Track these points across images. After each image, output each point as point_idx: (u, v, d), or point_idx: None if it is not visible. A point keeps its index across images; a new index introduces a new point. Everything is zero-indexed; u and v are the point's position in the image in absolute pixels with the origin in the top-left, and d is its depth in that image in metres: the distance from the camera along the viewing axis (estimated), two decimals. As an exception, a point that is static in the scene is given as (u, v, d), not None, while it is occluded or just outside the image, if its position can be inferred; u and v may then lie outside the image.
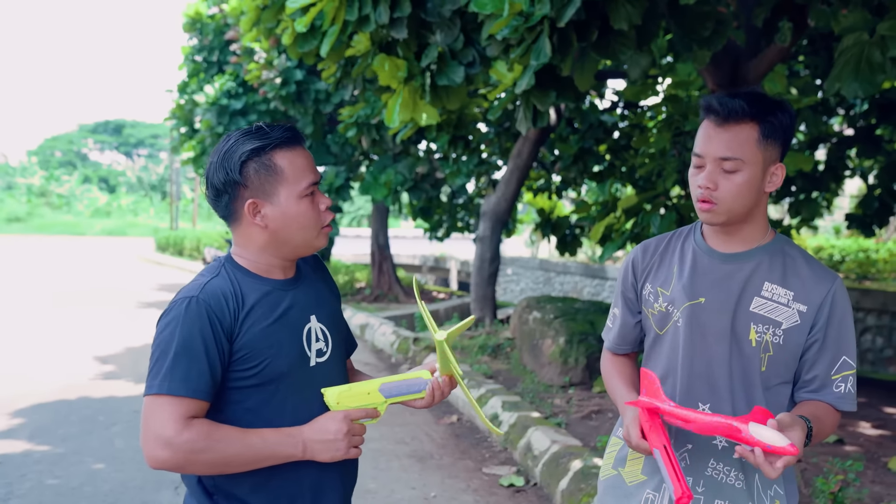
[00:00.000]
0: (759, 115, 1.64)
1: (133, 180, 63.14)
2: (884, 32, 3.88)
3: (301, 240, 1.66)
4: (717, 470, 1.73)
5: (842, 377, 1.69)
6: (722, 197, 1.66)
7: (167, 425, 1.49)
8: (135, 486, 4.52)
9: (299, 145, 1.65)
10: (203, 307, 1.57)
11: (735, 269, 1.74)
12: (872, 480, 4.46)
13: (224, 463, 1.54)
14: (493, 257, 9.54)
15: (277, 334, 1.63)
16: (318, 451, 1.58)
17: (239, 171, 1.60)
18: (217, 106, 13.08)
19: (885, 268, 14.65)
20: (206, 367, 1.54)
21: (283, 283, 1.70)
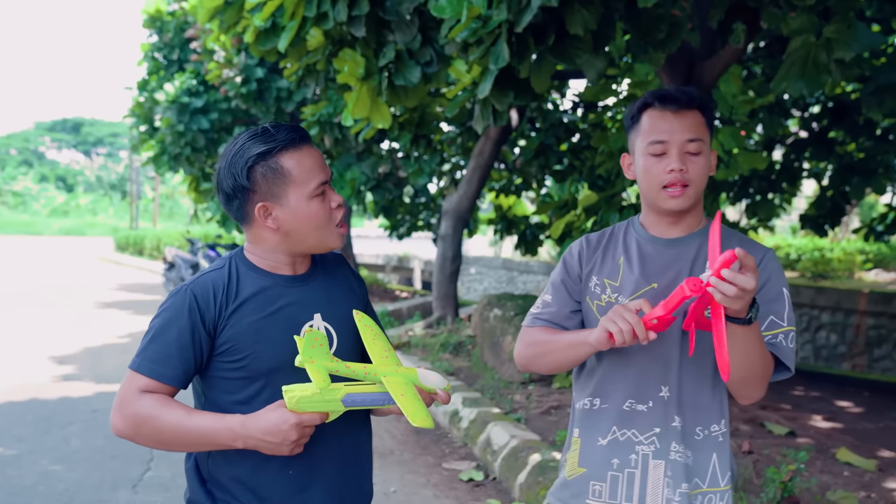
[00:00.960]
0: (703, 105, 1.78)
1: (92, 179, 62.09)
2: (829, 35, 4.00)
3: (314, 239, 1.66)
4: (677, 451, 1.77)
5: (772, 334, 1.74)
6: (692, 178, 1.75)
7: (125, 395, 1.58)
8: (90, 485, 4.47)
9: (306, 144, 1.64)
10: (188, 297, 1.62)
11: (679, 252, 1.80)
12: (821, 470, 4.59)
13: (166, 439, 1.57)
14: (454, 256, 9.58)
15: (268, 329, 1.63)
16: (260, 447, 1.54)
17: (246, 176, 1.61)
18: (177, 104, 12.93)
19: (839, 266, 14.98)
20: (175, 353, 1.59)
21: (288, 279, 1.70)
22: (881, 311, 9.32)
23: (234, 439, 1.54)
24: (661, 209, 1.79)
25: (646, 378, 1.78)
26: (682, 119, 1.74)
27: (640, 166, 1.80)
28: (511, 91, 4.44)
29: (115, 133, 67.64)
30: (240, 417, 1.55)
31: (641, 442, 1.77)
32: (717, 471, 1.78)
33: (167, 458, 5.01)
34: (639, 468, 1.77)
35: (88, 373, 7.52)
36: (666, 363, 1.77)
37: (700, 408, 1.78)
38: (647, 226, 1.86)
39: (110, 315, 11.83)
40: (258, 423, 1.53)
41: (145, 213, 46.15)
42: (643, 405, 1.78)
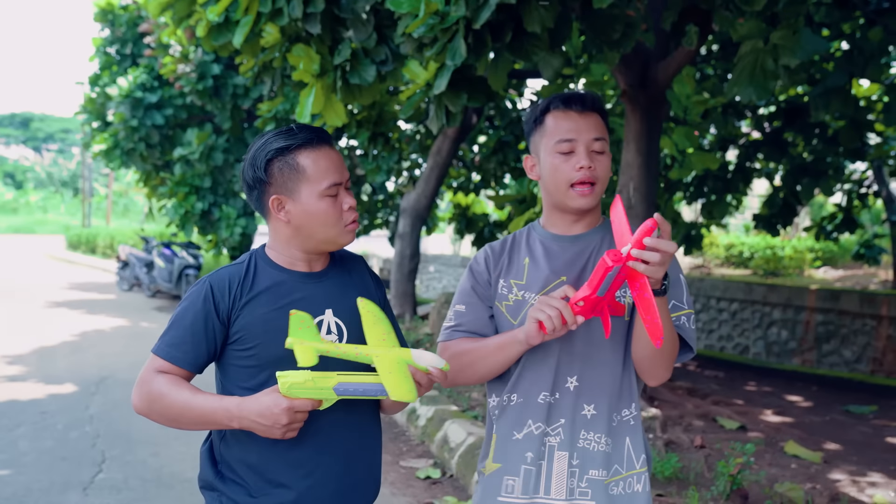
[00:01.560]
0: (601, 109, 1.87)
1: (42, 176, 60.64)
2: (776, 41, 4.09)
3: (323, 236, 1.75)
4: (587, 439, 1.81)
5: (675, 317, 1.82)
6: (599, 176, 1.82)
7: (144, 375, 1.71)
8: (39, 488, 4.38)
9: (326, 146, 1.73)
10: (206, 287, 1.74)
11: (583, 246, 1.87)
12: (770, 463, 4.70)
13: (174, 416, 1.68)
14: (412, 254, 9.58)
15: (277, 321, 1.72)
16: (254, 428, 1.63)
17: (264, 168, 1.72)
18: (131, 99, 12.70)
19: (790, 264, 15.32)
20: (189, 339, 1.71)
21: (303, 275, 1.80)
22: (829, 307, 9.55)
23: (230, 419, 1.63)
24: (569, 208, 1.85)
25: (556, 370, 1.82)
26: (586, 119, 1.83)
27: (547, 165, 1.85)
28: (465, 92, 4.46)
29: (66, 129, 66.13)
30: (237, 399, 1.64)
31: (549, 433, 1.82)
32: (631, 454, 1.84)
33: (119, 459, 4.93)
34: (545, 459, 1.82)
35: (37, 374, 7.35)
36: (570, 354, 1.81)
37: (612, 394, 1.83)
38: (549, 227, 1.93)
39: (61, 314, 11.58)
40: (252, 405, 1.61)
41: (98, 210, 45.21)
42: (552, 397, 1.82)
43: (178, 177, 13.35)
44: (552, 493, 1.80)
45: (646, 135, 5.78)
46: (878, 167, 10.81)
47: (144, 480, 4.57)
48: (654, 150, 5.89)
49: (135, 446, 5.19)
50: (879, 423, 6.24)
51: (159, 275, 13.83)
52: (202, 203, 13.47)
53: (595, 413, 1.81)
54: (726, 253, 16.68)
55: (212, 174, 13.41)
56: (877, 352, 9.06)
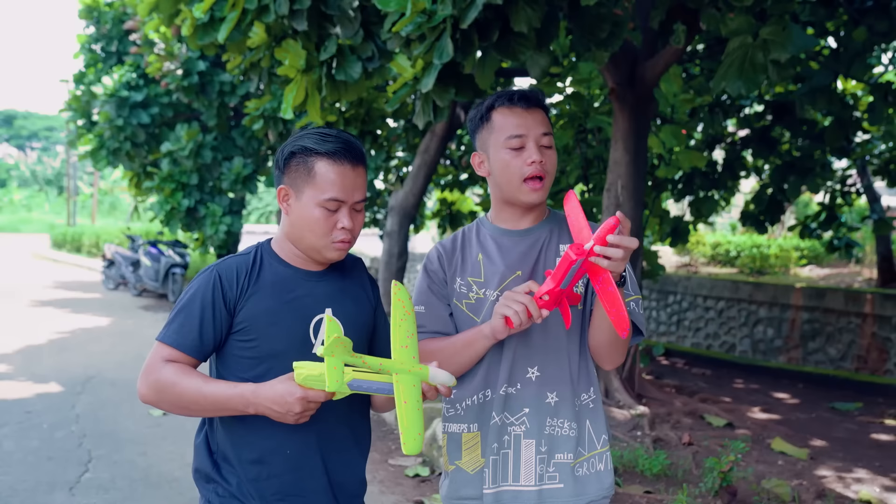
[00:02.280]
0: (544, 105, 1.93)
1: (26, 174, 60.15)
2: (766, 36, 4.12)
3: (309, 243, 1.79)
4: (553, 426, 1.87)
5: (625, 302, 1.84)
6: (549, 169, 1.88)
7: (150, 364, 1.73)
8: (25, 488, 4.34)
9: (348, 162, 1.76)
10: (213, 276, 1.78)
11: (534, 239, 1.93)
12: (757, 460, 4.72)
13: (185, 404, 1.71)
14: (400, 252, 9.57)
15: (281, 314, 1.77)
16: (268, 414, 1.66)
17: (286, 158, 1.80)
18: (116, 97, 12.60)
19: (776, 262, 15.40)
20: (197, 326, 1.74)
21: (306, 273, 1.84)
22: (815, 305, 9.61)
23: (246, 405, 1.67)
24: (520, 202, 1.90)
25: (511, 362, 1.86)
26: (533, 115, 1.88)
27: (497, 161, 1.89)
28: (452, 87, 4.46)
29: (51, 127, 65.61)
30: (252, 386, 1.67)
31: (513, 423, 1.87)
32: (592, 436, 1.91)
33: (105, 459, 4.90)
34: (511, 448, 1.87)
35: (23, 373, 7.29)
36: (529, 345, 1.86)
37: (572, 381, 1.88)
38: (498, 221, 1.97)
39: (47, 313, 11.49)
40: (267, 392, 1.64)
41: (83, 209, 44.89)
42: (513, 388, 1.87)
43: (165, 173, 13.27)
44: (521, 479, 1.86)
45: (634, 133, 5.80)
46: (863, 165, 10.88)
47: (132, 480, 4.54)
48: (642, 148, 5.91)
49: (122, 446, 5.16)
50: (864, 419, 6.29)
51: (146, 273, 13.75)
52: (188, 200, 13.38)
53: (558, 400, 1.87)
54: (713, 251, 16.76)
55: (199, 171, 13.34)
56: (861, 349, 9.14)
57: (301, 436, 1.78)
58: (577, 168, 7.93)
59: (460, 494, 1.92)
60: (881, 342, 8.91)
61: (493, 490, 1.86)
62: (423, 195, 9.69)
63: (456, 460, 1.93)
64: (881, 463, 4.97)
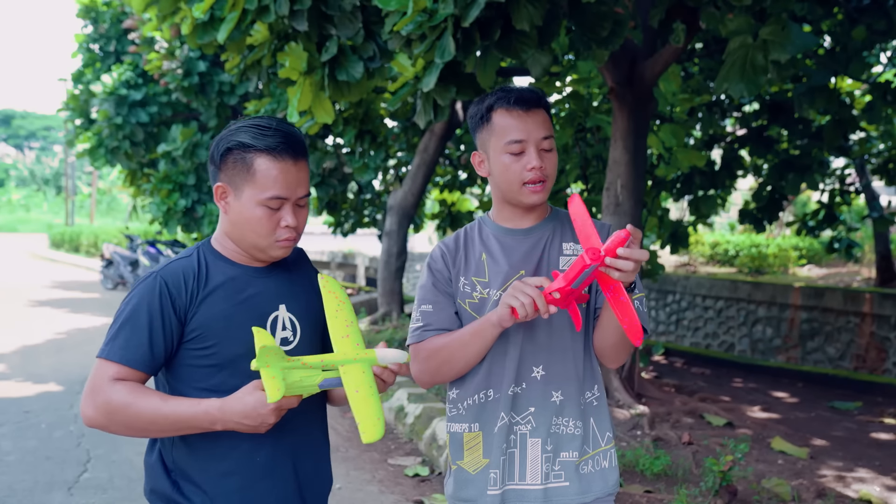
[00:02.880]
0: (545, 104, 1.89)
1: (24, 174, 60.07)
2: (766, 37, 4.11)
3: (251, 242, 1.71)
4: (558, 425, 1.87)
5: None
6: (549, 173, 1.85)
7: (96, 384, 1.59)
8: (23, 488, 4.33)
9: (290, 158, 1.67)
10: (159, 283, 1.65)
11: (536, 239, 1.91)
12: (757, 459, 4.72)
13: (141, 426, 1.60)
14: (399, 252, 9.57)
15: (236, 317, 1.68)
16: (238, 429, 1.58)
17: (222, 154, 1.69)
18: (115, 96, 12.58)
19: (774, 262, 15.41)
20: (146, 339, 1.62)
21: (254, 269, 1.76)
22: (813, 305, 9.62)
23: (213, 423, 1.58)
24: (522, 204, 1.88)
25: (520, 362, 1.86)
26: (533, 117, 1.83)
27: (498, 164, 1.86)
28: (453, 86, 4.45)
29: (49, 126, 65.55)
30: (217, 401, 1.58)
31: (519, 423, 1.87)
32: (597, 433, 1.91)
33: (104, 459, 4.89)
34: (517, 447, 1.87)
35: (21, 373, 7.28)
36: (534, 344, 1.85)
37: (577, 379, 1.88)
38: (500, 220, 1.95)
39: (45, 313, 11.47)
40: (236, 406, 1.56)
41: (81, 209, 44.86)
42: (518, 388, 1.86)
43: (161, 173, 13.25)
44: (527, 478, 1.86)
45: (633, 132, 5.79)
46: (861, 164, 10.89)
47: (130, 480, 4.53)
48: (642, 147, 5.90)
49: (120, 445, 5.14)
50: (864, 418, 6.29)
51: (144, 273, 13.74)
52: (185, 200, 13.36)
53: (563, 398, 1.87)
54: (711, 251, 16.77)
55: (196, 171, 13.32)
56: (860, 349, 9.14)
57: (270, 440, 1.71)
58: (576, 167, 7.92)
59: (461, 496, 1.91)
60: (880, 341, 8.92)
61: (497, 491, 1.85)
62: (422, 195, 9.69)
63: (458, 460, 1.92)
64: (881, 462, 4.96)
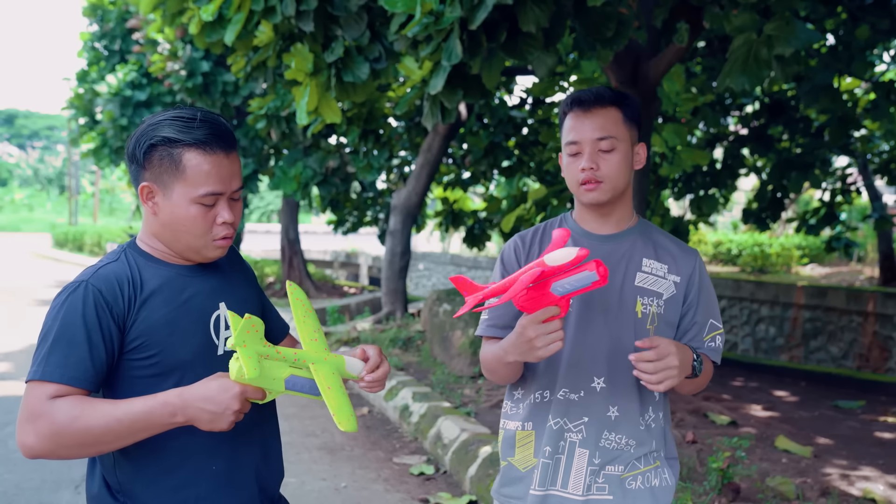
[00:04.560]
0: (618, 101, 1.84)
1: (27, 173, 60.17)
2: (770, 32, 4.13)
3: (185, 244, 1.60)
4: (609, 440, 1.84)
5: (711, 337, 1.88)
6: (605, 175, 1.82)
7: (34, 409, 1.44)
8: (31, 487, 4.36)
9: (221, 151, 1.57)
10: (91, 292, 1.51)
11: (614, 248, 1.87)
12: (761, 458, 4.73)
13: (92, 440, 1.44)
14: (403, 251, 9.58)
15: (180, 321, 1.58)
16: (199, 419, 1.46)
17: (145, 151, 1.56)
18: (120, 97, 12.62)
19: (777, 261, 15.43)
20: (87, 354, 1.48)
21: (188, 268, 1.64)
22: (816, 304, 9.63)
23: (174, 414, 1.45)
24: (581, 202, 1.89)
25: (577, 369, 1.84)
26: (592, 119, 1.81)
27: (563, 164, 1.89)
28: (460, 88, 4.47)
29: (52, 126, 65.66)
30: (176, 390, 1.47)
31: (570, 430, 1.84)
32: (652, 452, 1.88)
33: (111, 457, 4.91)
34: (564, 454, 1.84)
35: (26, 371, 7.29)
36: (594, 356, 1.83)
37: (637, 399, 1.85)
38: (579, 221, 1.94)
39: (49, 313, 11.50)
40: (198, 391, 1.45)
41: (84, 208, 44.94)
42: (575, 394, 1.84)
43: (166, 174, 13.30)
44: (569, 487, 1.83)
45: (637, 132, 5.80)
46: (864, 164, 10.90)
47: (137, 478, 4.56)
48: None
49: (127, 444, 5.17)
50: (867, 417, 6.30)
51: (148, 272, 13.77)
52: (191, 201, 13.41)
53: (619, 415, 1.84)
54: (714, 250, 16.78)
55: (201, 171, 13.35)
56: (863, 348, 9.15)
57: (228, 446, 1.62)
58: (579, 167, 7.94)
59: (507, 491, 1.92)
60: (883, 340, 8.92)
61: (540, 492, 1.85)
62: (425, 194, 9.70)
63: (509, 457, 1.93)
64: (884, 461, 4.98)
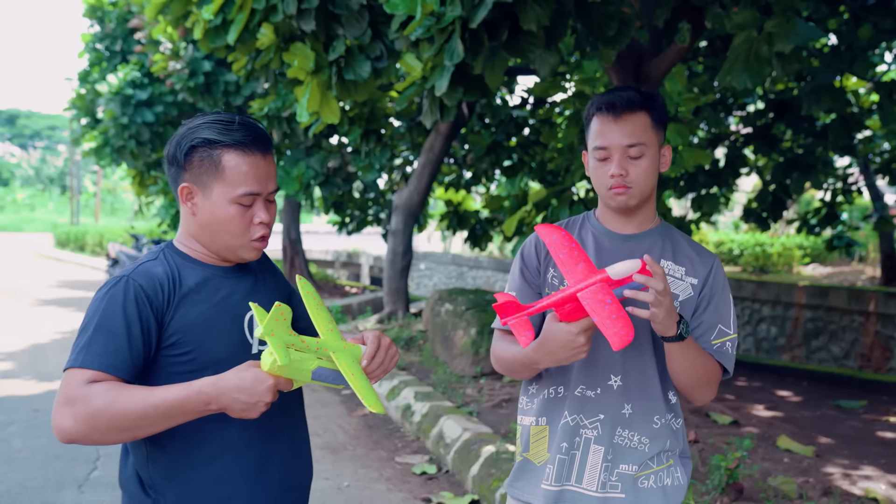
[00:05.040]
0: (648, 105, 1.83)
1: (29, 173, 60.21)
2: (770, 29, 4.14)
3: (224, 243, 1.66)
4: (623, 437, 1.86)
5: (720, 343, 1.87)
6: (635, 180, 1.82)
7: (72, 393, 1.48)
8: (34, 486, 4.37)
9: (258, 152, 1.63)
10: (132, 287, 1.57)
11: (634, 248, 1.88)
12: (763, 457, 4.74)
13: (128, 424, 1.48)
14: (405, 251, 9.58)
15: (215, 320, 1.64)
16: (232, 408, 1.50)
17: (185, 153, 1.62)
18: (121, 96, 12.63)
19: (778, 261, 15.42)
20: (126, 344, 1.54)
21: (224, 269, 1.71)
22: (818, 304, 9.62)
23: (208, 402, 1.49)
24: (609, 206, 1.89)
25: (595, 366, 1.85)
26: (622, 125, 1.80)
27: (590, 167, 1.89)
28: (461, 87, 4.47)
29: (53, 126, 65.71)
30: (210, 379, 1.50)
31: (586, 426, 1.86)
32: (665, 452, 1.88)
33: (114, 456, 4.92)
34: (580, 450, 1.86)
35: (29, 371, 7.32)
36: (610, 354, 1.84)
37: (652, 398, 1.86)
38: (602, 220, 1.94)
39: (51, 312, 11.52)
40: (232, 381, 1.49)
41: (86, 208, 44.96)
42: (592, 391, 1.85)
43: (169, 175, 13.31)
44: (584, 483, 1.85)
45: (639, 131, 5.80)
46: (865, 164, 10.89)
47: (140, 477, 4.56)
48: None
49: (129, 443, 5.18)
50: (869, 417, 6.30)
51: (149, 272, 13.78)
52: (193, 201, 13.43)
53: (632, 412, 1.85)
54: (716, 250, 16.77)
55: (202, 172, 13.37)
56: (864, 347, 9.14)
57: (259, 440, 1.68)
58: (581, 167, 7.93)
59: (518, 485, 1.94)
60: (884, 340, 8.92)
61: (556, 488, 1.86)
62: (427, 194, 9.71)
63: (524, 452, 1.95)
64: (886, 460, 4.98)
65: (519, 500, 1.94)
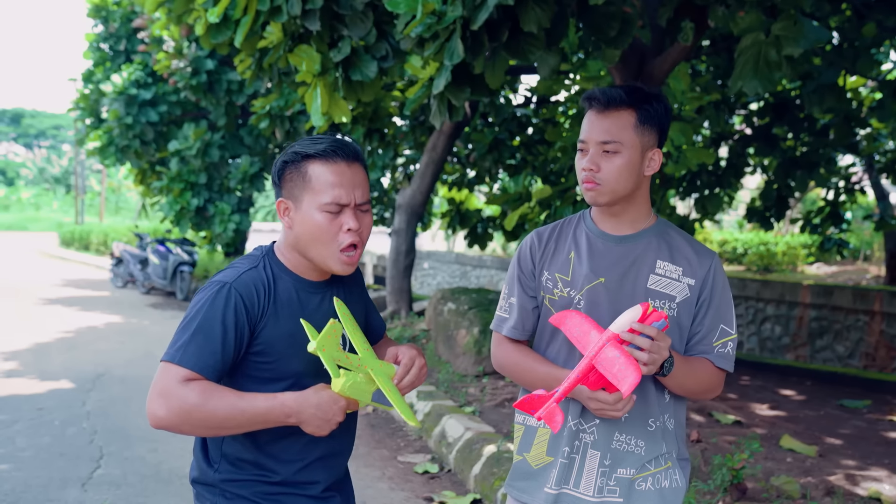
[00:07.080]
0: (636, 103, 1.80)
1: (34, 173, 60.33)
2: (778, 32, 4.12)
3: (315, 253, 1.72)
4: (620, 441, 1.85)
5: (721, 343, 1.86)
6: (604, 178, 1.80)
7: (167, 387, 1.59)
8: (38, 484, 4.38)
9: (343, 161, 1.68)
10: (234, 295, 1.67)
11: (628, 249, 1.86)
12: (766, 457, 4.73)
13: (216, 424, 1.60)
14: (408, 250, 9.59)
15: (299, 335, 1.70)
16: (309, 423, 1.63)
17: (280, 171, 1.73)
18: (125, 96, 12.67)
19: (783, 260, 15.40)
20: (220, 349, 1.64)
21: (315, 284, 1.78)
22: (822, 303, 9.60)
23: (288, 416, 1.62)
24: (587, 201, 1.89)
25: None
26: (602, 120, 1.80)
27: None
28: (467, 87, 4.47)
29: (58, 125, 65.85)
30: (292, 395, 1.63)
31: (585, 430, 1.86)
32: (662, 454, 1.88)
33: (117, 455, 4.93)
34: (579, 454, 1.87)
35: (33, 370, 7.34)
36: None
37: (644, 401, 1.86)
38: (596, 220, 1.93)
39: (55, 311, 11.55)
40: (313, 400, 1.62)
41: (91, 207, 45.02)
42: None
43: (173, 172, 13.34)
44: (581, 487, 1.86)
45: (642, 131, 5.79)
46: (869, 163, 10.87)
47: (143, 476, 4.58)
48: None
49: (133, 442, 5.19)
50: (873, 417, 6.29)
51: (154, 271, 13.81)
52: (197, 199, 13.47)
53: (628, 416, 1.85)
54: (720, 249, 16.75)
55: (207, 171, 13.40)
56: (869, 347, 9.12)
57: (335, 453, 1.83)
58: (584, 166, 7.94)
59: (518, 485, 1.95)
60: (889, 339, 8.90)
61: (555, 491, 1.87)
62: (430, 193, 9.71)
63: (524, 452, 1.96)
64: (890, 460, 4.97)
65: (519, 500, 1.94)
